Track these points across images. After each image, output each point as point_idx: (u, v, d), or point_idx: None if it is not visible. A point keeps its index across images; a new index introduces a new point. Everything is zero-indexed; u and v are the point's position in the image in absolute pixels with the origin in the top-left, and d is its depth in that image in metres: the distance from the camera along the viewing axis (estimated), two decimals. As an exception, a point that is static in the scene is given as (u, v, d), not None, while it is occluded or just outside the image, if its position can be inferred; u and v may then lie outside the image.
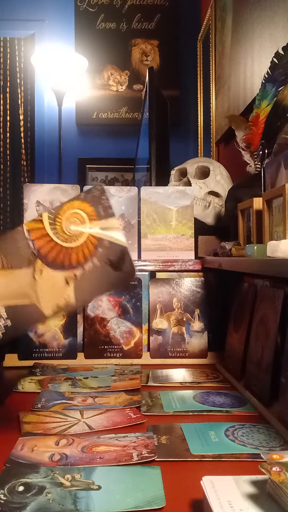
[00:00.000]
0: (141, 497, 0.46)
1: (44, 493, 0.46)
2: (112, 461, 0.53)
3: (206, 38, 2.21)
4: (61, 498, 0.45)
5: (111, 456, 0.54)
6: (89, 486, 0.48)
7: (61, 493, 0.46)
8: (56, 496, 0.46)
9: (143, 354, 0.99)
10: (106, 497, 0.46)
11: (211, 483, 0.43)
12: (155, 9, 2.95)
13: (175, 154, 2.21)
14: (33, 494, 0.46)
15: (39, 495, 0.46)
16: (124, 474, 0.50)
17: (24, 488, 0.47)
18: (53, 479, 0.49)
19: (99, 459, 0.53)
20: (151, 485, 0.48)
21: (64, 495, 0.46)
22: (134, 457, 0.54)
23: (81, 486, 0.47)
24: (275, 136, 0.89)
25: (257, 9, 1.35)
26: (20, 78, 3.20)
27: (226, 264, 0.87)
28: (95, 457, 0.54)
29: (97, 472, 0.50)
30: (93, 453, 0.55)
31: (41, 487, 0.47)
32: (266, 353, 0.70)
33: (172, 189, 1.09)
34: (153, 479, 0.49)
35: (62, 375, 0.88)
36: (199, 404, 0.73)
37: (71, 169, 2.93)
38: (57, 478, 0.49)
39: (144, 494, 0.46)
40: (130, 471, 0.51)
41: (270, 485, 0.42)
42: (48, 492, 0.46)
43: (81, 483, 0.48)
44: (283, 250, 0.63)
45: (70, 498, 0.45)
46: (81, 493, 0.46)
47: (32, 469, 0.51)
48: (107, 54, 2.94)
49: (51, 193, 1.07)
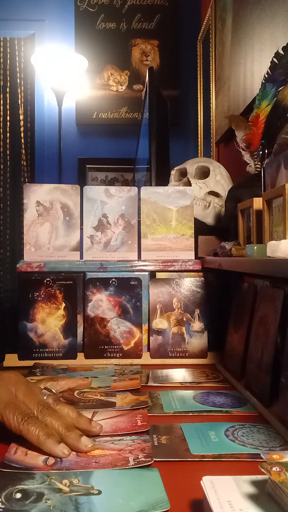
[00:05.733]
0: (144, 500, 0.45)
1: (43, 499, 0.45)
2: (108, 465, 0.52)
3: (206, 38, 2.21)
4: (62, 504, 0.44)
5: (107, 460, 0.53)
6: (88, 491, 0.47)
7: (61, 499, 0.45)
8: (57, 502, 0.45)
9: (143, 354, 0.99)
10: (108, 502, 0.45)
11: (211, 483, 0.43)
12: (155, 9, 2.95)
13: (175, 154, 2.21)
14: (32, 501, 0.45)
15: (39, 502, 0.45)
16: (123, 477, 0.50)
17: (22, 495, 0.46)
18: (50, 484, 0.48)
19: (94, 463, 0.53)
20: (153, 488, 0.47)
21: (64, 501, 0.45)
22: (131, 461, 0.53)
23: (80, 491, 0.47)
24: (275, 136, 0.89)
25: (257, 9, 1.35)
26: (20, 78, 3.20)
27: (226, 264, 0.87)
28: (91, 461, 0.53)
29: (94, 476, 0.50)
30: (88, 457, 0.54)
31: (39, 493, 0.46)
32: (266, 353, 0.70)
33: (172, 189, 1.09)
34: (153, 482, 0.48)
35: (62, 375, 0.88)
36: (199, 404, 0.73)
37: (71, 169, 2.93)
38: (54, 484, 0.48)
39: (147, 497, 0.45)
40: (129, 474, 0.50)
41: (270, 485, 0.42)
42: (47, 499, 0.45)
43: (80, 488, 0.47)
44: (283, 250, 0.63)
45: (71, 504, 0.44)
46: (82, 498, 0.45)
47: (27, 474, 0.50)
48: (107, 54, 2.94)
49: (51, 193, 1.07)
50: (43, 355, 0.98)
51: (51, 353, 0.98)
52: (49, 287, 1.00)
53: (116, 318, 1.00)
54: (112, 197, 1.08)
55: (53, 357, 0.98)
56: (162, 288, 1.02)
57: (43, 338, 0.99)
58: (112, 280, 1.01)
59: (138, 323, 1.00)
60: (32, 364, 0.95)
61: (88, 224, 1.07)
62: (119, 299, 1.00)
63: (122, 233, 1.07)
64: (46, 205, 1.07)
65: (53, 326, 0.99)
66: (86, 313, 1.00)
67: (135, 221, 1.07)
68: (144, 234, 1.07)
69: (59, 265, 1.02)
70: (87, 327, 1.00)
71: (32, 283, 1.00)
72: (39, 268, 1.01)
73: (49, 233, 1.06)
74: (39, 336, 0.98)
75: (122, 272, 1.02)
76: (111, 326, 1.00)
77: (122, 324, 1.00)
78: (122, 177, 2.99)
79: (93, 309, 1.00)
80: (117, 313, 1.00)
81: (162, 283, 1.02)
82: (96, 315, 1.00)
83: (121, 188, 1.08)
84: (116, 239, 1.07)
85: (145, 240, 1.07)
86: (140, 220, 1.08)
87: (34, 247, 1.06)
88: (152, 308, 1.01)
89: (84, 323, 1.00)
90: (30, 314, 0.99)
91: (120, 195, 1.08)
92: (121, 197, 1.08)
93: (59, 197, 1.07)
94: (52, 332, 0.99)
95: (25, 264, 1.02)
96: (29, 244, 1.06)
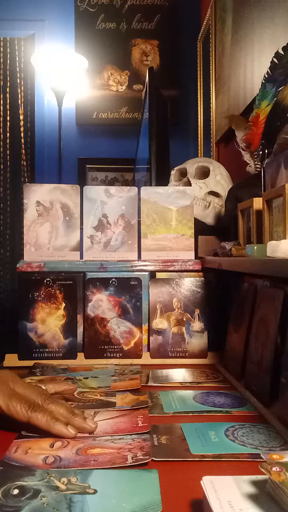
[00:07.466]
0: (137, 502, 0.45)
1: (39, 496, 0.45)
2: (106, 463, 0.52)
3: (206, 38, 2.21)
4: (56, 502, 0.44)
5: (105, 458, 0.54)
6: (85, 490, 0.47)
7: (56, 497, 0.45)
8: (51, 500, 0.45)
9: (143, 354, 0.99)
10: (101, 502, 0.45)
11: (211, 483, 0.43)
12: (155, 9, 2.95)
13: (175, 154, 2.21)
14: (28, 498, 0.45)
15: (34, 499, 0.45)
16: (121, 478, 0.50)
17: (19, 491, 0.46)
18: (49, 482, 0.48)
19: (93, 462, 0.53)
20: (148, 490, 0.47)
21: (59, 499, 0.45)
22: (129, 459, 0.53)
23: (76, 490, 0.47)
24: (275, 136, 0.89)
25: (257, 9, 1.35)
26: (20, 78, 3.20)
27: (226, 264, 0.87)
28: (89, 459, 0.53)
29: (93, 476, 0.50)
30: (87, 456, 0.55)
31: (36, 490, 0.46)
32: (266, 353, 0.70)
33: (172, 189, 1.09)
34: (150, 483, 0.48)
35: (62, 375, 0.88)
36: (199, 404, 0.73)
37: (71, 169, 2.93)
38: (53, 481, 0.48)
39: (141, 499, 0.45)
40: (128, 475, 0.50)
41: (270, 485, 0.42)
42: (43, 496, 0.45)
43: (77, 486, 0.47)
44: (283, 250, 0.63)
45: (65, 502, 0.45)
46: (77, 497, 0.46)
47: (28, 471, 0.50)
48: (107, 54, 2.94)
49: (51, 193, 1.07)
50: (43, 355, 0.98)
51: (51, 353, 0.98)
52: (49, 287, 1.00)
53: (116, 318, 1.00)
54: (112, 197, 1.08)
55: (53, 357, 0.98)
56: (162, 288, 1.02)
57: (43, 338, 0.99)
58: (112, 280, 1.01)
59: (138, 323, 1.00)
60: (32, 364, 0.95)
61: (88, 224, 1.07)
62: (119, 299, 1.00)
63: (122, 233, 1.07)
64: (46, 205, 1.07)
65: (53, 326, 0.99)
66: (86, 313, 1.00)
67: (135, 221, 1.07)
68: (144, 234, 1.07)
69: (59, 265, 1.02)
70: (87, 327, 1.00)
71: (32, 283, 1.00)
72: (39, 268, 1.01)
73: (49, 233, 1.06)
74: (39, 336, 0.98)
75: (122, 272, 1.02)
76: (111, 326, 1.00)
77: (122, 324, 1.00)
78: (122, 177, 2.99)
79: (93, 309, 1.00)
80: (117, 313, 1.00)
81: (162, 283, 1.02)
82: (96, 315, 1.00)
83: (121, 188, 1.08)
84: (116, 239, 1.07)
85: (145, 240, 1.07)
86: (140, 220, 1.08)
87: (34, 247, 1.06)
88: (152, 308, 1.01)
89: (84, 323, 1.00)
90: (30, 314, 0.99)
91: (120, 195, 1.08)
92: (121, 197, 1.08)
93: (59, 197, 1.07)
94: (52, 332, 0.99)
95: (25, 264, 1.02)
96: (29, 244, 1.06)
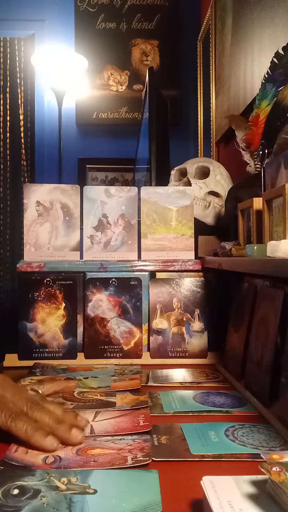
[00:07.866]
0: (137, 502, 0.45)
1: (39, 496, 0.45)
2: (106, 464, 0.52)
3: (206, 38, 2.21)
4: (56, 502, 0.44)
5: (105, 459, 0.54)
6: (85, 490, 0.47)
7: (56, 497, 0.45)
8: (51, 500, 0.45)
9: (143, 354, 0.99)
10: (101, 502, 0.45)
11: (211, 483, 0.43)
12: (155, 9, 2.95)
13: (175, 154, 2.21)
14: (28, 498, 0.45)
15: (34, 499, 0.45)
16: (121, 478, 0.50)
17: (19, 491, 0.46)
18: (49, 482, 0.48)
19: (93, 462, 0.53)
20: (148, 490, 0.47)
21: (59, 499, 0.45)
22: (129, 460, 0.53)
23: (76, 490, 0.47)
24: (275, 136, 0.89)
25: (257, 9, 1.35)
26: (20, 78, 3.19)
27: (226, 264, 0.87)
28: (89, 460, 0.53)
29: (93, 476, 0.50)
30: (88, 456, 0.54)
31: (36, 490, 0.46)
32: (266, 353, 0.70)
33: (172, 189, 1.09)
34: (150, 483, 0.48)
35: (62, 375, 0.88)
36: (199, 404, 0.73)
37: (71, 169, 2.93)
38: (53, 481, 0.48)
39: (140, 499, 0.45)
40: (128, 475, 0.50)
41: (270, 485, 0.42)
42: (43, 496, 0.45)
43: (77, 486, 0.47)
44: (283, 250, 0.63)
45: (65, 502, 0.45)
46: (77, 497, 0.45)
47: (28, 471, 0.50)
48: (107, 54, 2.94)
49: (51, 193, 1.07)
50: (43, 355, 0.98)
51: (51, 353, 0.98)
52: (49, 287, 1.00)
53: (116, 318, 1.00)
54: (112, 197, 1.08)
55: (53, 357, 0.98)
56: (162, 288, 1.02)
57: (43, 338, 0.99)
58: (112, 280, 1.01)
59: (138, 323, 1.00)
60: (32, 364, 0.95)
61: (88, 224, 1.07)
62: (119, 299, 1.00)
63: (122, 233, 1.07)
64: (46, 205, 1.07)
65: (53, 326, 0.99)
66: (86, 313, 1.00)
67: (135, 221, 1.07)
68: (144, 234, 1.07)
69: (59, 265, 1.02)
70: (87, 327, 1.00)
71: (32, 283, 1.00)
72: (39, 268, 1.01)
73: (49, 233, 1.06)
74: (39, 336, 0.98)
75: (122, 272, 1.02)
76: (111, 326, 1.00)
77: (122, 324, 1.00)
78: (122, 177, 2.99)
79: (93, 309, 1.00)
80: (117, 313, 1.00)
81: (162, 283, 1.02)
82: (96, 315, 1.00)
83: (121, 188, 1.08)
84: (116, 239, 1.07)
85: (145, 240, 1.07)
86: (140, 220, 1.08)
87: (34, 247, 1.06)
88: (152, 308, 1.01)
89: (84, 323, 1.00)
90: (30, 314, 0.99)
91: (120, 195, 1.08)
92: (121, 197, 1.08)
93: (59, 197, 1.07)
94: (52, 332, 0.99)
95: (25, 264, 1.02)
96: (29, 244, 1.06)
